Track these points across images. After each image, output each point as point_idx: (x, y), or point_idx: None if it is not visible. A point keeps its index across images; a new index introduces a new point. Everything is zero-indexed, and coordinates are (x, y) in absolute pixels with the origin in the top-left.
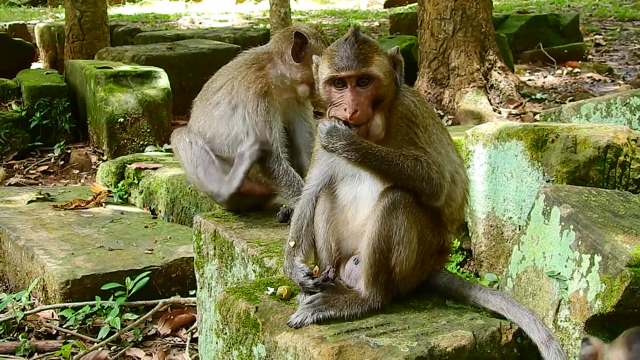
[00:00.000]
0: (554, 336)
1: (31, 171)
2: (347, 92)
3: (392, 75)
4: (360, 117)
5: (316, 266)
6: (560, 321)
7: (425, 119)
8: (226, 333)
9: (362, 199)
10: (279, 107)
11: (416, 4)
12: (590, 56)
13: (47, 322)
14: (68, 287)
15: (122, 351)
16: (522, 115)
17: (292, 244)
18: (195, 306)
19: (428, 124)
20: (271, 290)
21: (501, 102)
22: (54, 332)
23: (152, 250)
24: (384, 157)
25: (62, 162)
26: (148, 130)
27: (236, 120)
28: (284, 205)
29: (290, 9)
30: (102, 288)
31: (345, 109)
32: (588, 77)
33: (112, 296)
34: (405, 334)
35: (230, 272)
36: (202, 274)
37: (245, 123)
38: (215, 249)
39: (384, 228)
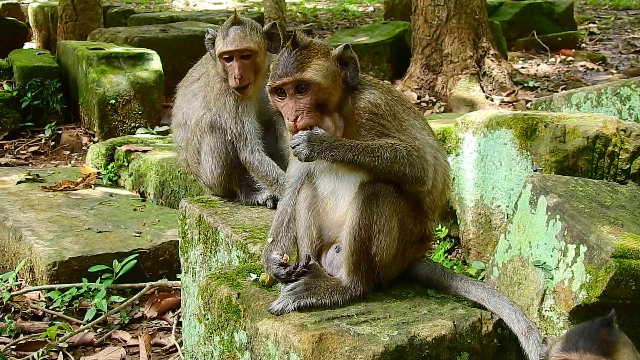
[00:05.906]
0: (534, 327)
1: (22, 151)
2: (287, 101)
3: (339, 75)
4: (305, 122)
5: (285, 255)
6: (545, 310)
7: (391, 107)
8: (208, 319)
9: (341, 191)
10: (253, 98)
11: None
12: (584, 45)
13: (34, 303)
14: (55, 268)
15: (108, 333)
16: (514, 103)
17: (270, 240)
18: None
19: (396, 112)
20: (254, 276)
21: (494, 90)
22: (41, 313)
23: (140, 233)
24: (364, 149)
25: (52, 143)
26: (139, 112)
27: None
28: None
29: None
30: (90, 270)
31: (288, 118)
32: (581, 66)
33: (99, 278)
34: (386, 322)
35: (215, 257)
36: (187, 258)
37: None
38: (200, 234)
39: (364, 217)
